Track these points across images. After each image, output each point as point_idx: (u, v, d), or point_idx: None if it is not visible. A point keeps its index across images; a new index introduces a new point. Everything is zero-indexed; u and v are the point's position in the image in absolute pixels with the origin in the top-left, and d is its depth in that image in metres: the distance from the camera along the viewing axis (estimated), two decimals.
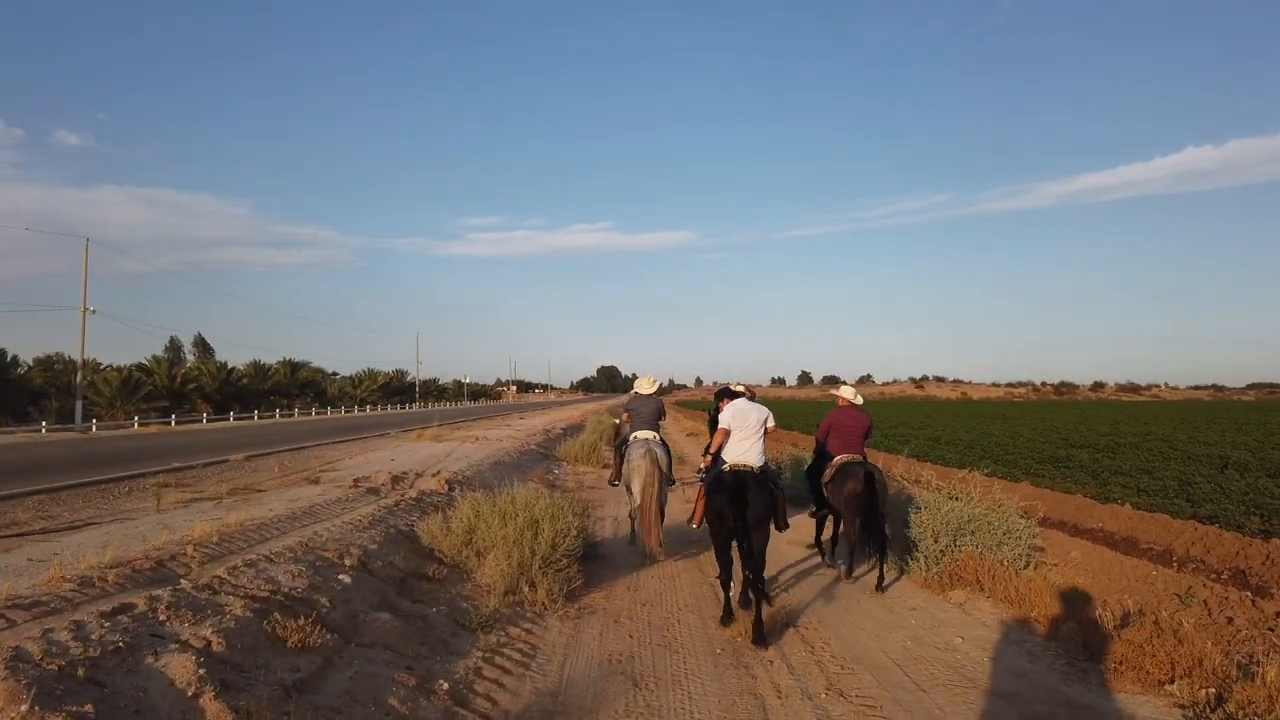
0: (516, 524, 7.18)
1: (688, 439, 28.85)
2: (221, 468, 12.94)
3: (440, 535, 7.42)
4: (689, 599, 7.36)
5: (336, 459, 14.16)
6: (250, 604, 4.82)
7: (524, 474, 14.99)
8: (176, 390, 51.79)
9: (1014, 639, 6.34)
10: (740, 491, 6.38)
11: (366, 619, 5.40)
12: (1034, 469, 17.86)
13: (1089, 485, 15.14)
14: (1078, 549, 10.12)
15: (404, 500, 9.15)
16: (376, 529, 7.48)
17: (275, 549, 6.11)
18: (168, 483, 10.49)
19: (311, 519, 7.61)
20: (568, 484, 15.15)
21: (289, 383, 68.93)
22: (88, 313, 39.66)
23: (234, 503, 8.45)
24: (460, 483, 11.31)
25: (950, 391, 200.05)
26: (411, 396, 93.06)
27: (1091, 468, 17.75)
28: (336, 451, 16.36)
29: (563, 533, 7.26)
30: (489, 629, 5.99)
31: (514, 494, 7.65)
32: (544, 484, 14.08)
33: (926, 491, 9.27)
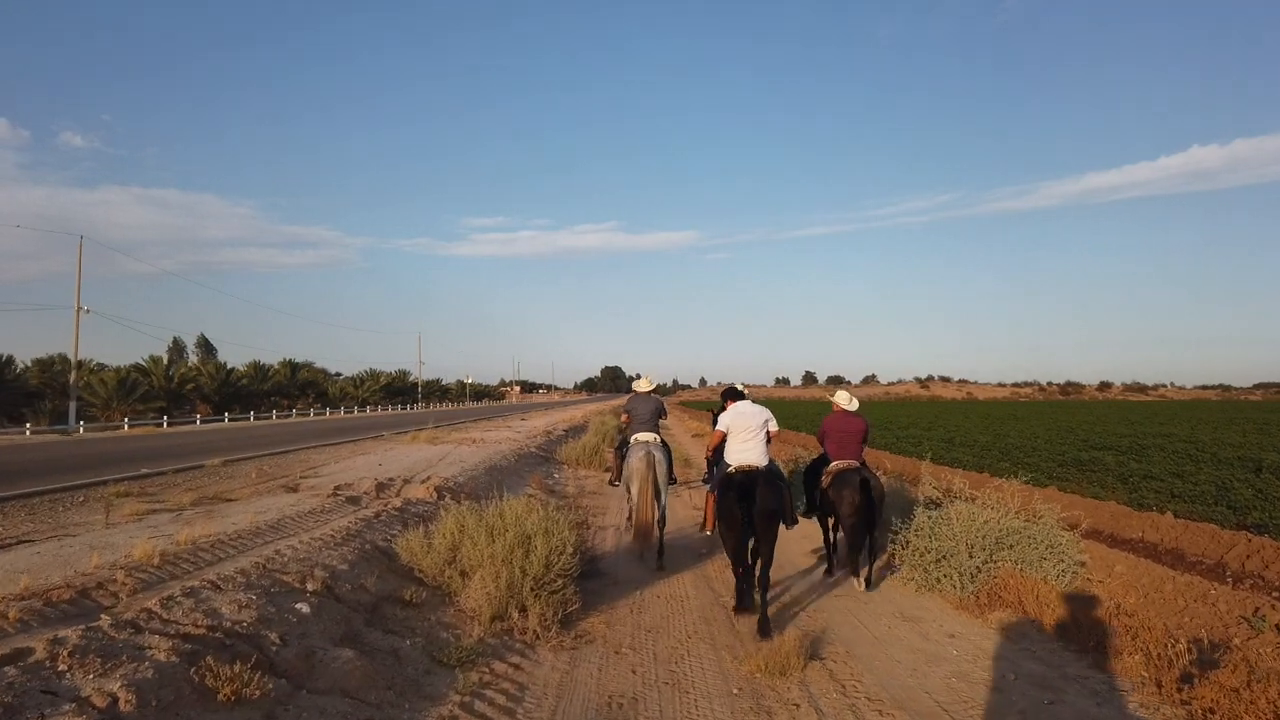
0: (505, 540, 6.38)
1: (693, 440, 28.06)
2: (195, 474, 12.15)
3: (421, 552, 6.62)
4: (699, 623, 6.56)
5: (322, 463, 13.38)
6: (179, 645, 4.03)
7: (521, 479, 14.21)
8: (174, 391, 51.08)
9: (1072, 675, 5.53)
10: (750, 488, 6.40)
11: (324, 658, 4.60)
12: (1057, 473, 17.02)
13: (1119, 491, 14.31)
14: (1121, 563, 9.30)
15: (386, 511, 8.36)
16: (350, 545, 6.69)
17: (226, 572, 5.32)
18: (129, 491, 9.72)
19: (277, 534, 6.82)
20: (567, 489, 14.36)
21: (289, 383, 68.23)
22: (82, 312, 39.01)
23: (195, 515, 7.67)
24: (451, 490, 10.53)
25: (955, 391, 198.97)
26: (414, 397, 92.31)
27: (1118, 471, 16.91)
28: (324, 455, 15.58)
29: (557, 550, 6.47)
30: (470, 664, 5.20)
31: (502, 506, 6.85)
32: (542, 489, 13.30)
33: (960, 502, 8.47)
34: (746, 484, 6.47)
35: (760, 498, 6.37)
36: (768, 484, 6.52)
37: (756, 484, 6.46)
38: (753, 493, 6.39)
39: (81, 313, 38.96)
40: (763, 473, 6.69)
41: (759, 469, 6.74)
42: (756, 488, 6.43)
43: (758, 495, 6.38)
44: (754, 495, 6.37)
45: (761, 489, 6.43)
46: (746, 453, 6.88)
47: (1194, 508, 12.12)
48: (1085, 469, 17.69)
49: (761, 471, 6.71)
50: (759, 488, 6.43)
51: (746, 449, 6.89)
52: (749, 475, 6.60)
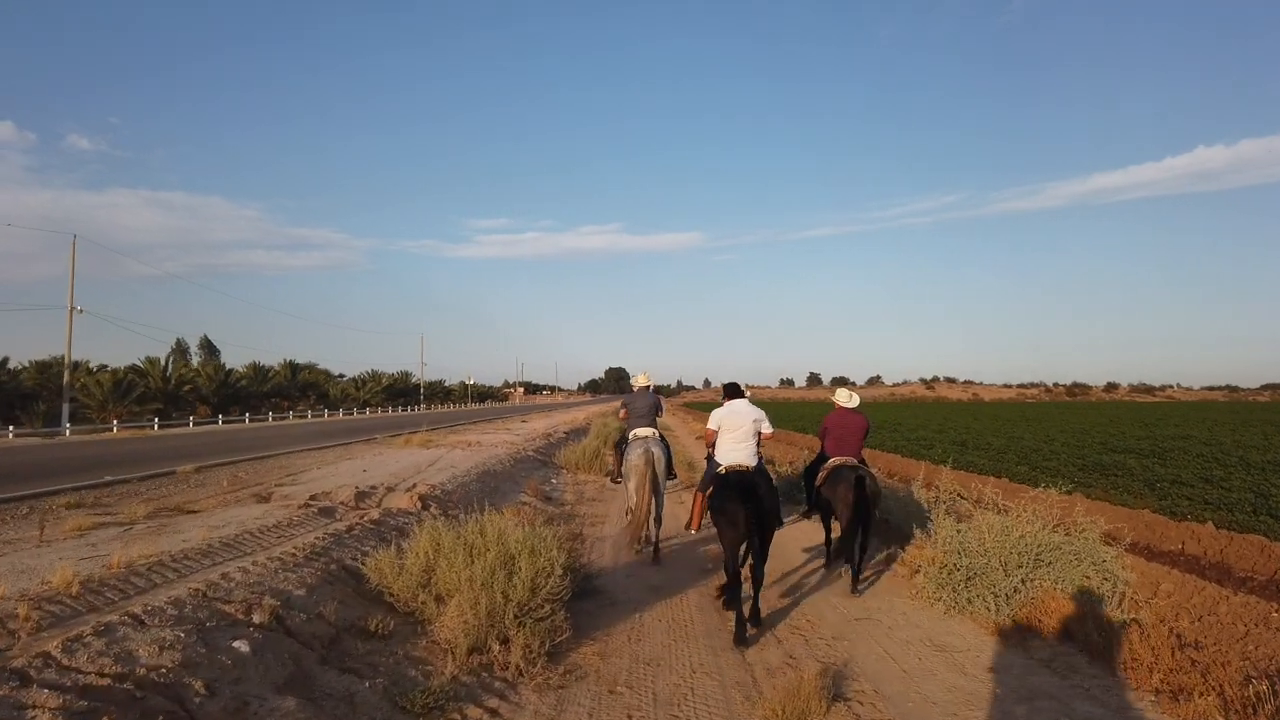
0: (486, 561, 5.63)
1: (697, 442, 27.26)
2: (163, 481, 11.39)
3: (391, 574, 5.88)
4: (705, 654, 5.81)
5: (303, 469, 12.64)
6: (72, 702, 3.30)
7: (516, 485, 13.47)
8: (171, 393, 50.43)
9: None
10: (750, 489, 6.36)
11: (260, 709, 3.87)
12: (1079, 478, 16.24)
13: (1148, 498, 13.54)
14: (1165, 579, 8.55)
15: (361, 524, 7.62)
16: (313, 566, 5.95)
17: (156, 602, 4.58)
18: (81, 503, 8.97)
19: (231, 553, 6.08)
20: (565, 496, 13.61)
21: (289, 385, 67.59)
22: (76, 312, 38.38)
23: (144, 530, 6.92)
24: (437, 499, 9.80)
25: (961, 393, 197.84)
26: (416, 399, 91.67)
27: (1144, 477, 16.13)
28: (308, 460, 14.83)
29: (544, 571, 5.72)
30: (439, 710, 4.45)
31: (483, 522, 6.10)
32: (538, 497, 12.56)
33: (991, 513, 7.71)
34: (746, 484, 6.43)
35: (764, 498, 6.38)
36: (766, 483, 6.60)
37: (757, 485, 6.44)
38: (755, 492, 6.35)
39: (75, 313, 38.30)
40: (758, 472, 6.75)
41: (752, 469, 6.76)
42: (758, 489, 6.40)
43: (762, 498, 6.35)
44: (758, 495, 6.34)
45: (763, 488, 6.46)
46: (737, 452, 6.88)
47: (1234, 517, 11.35)
48: (1109, 474, 16.90)
49: (756, 471, 6.75)
50: (760, 489, 6.41)
51: (738, 449, 6.89)
52: (745, 475, 6.60)
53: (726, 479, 6.62)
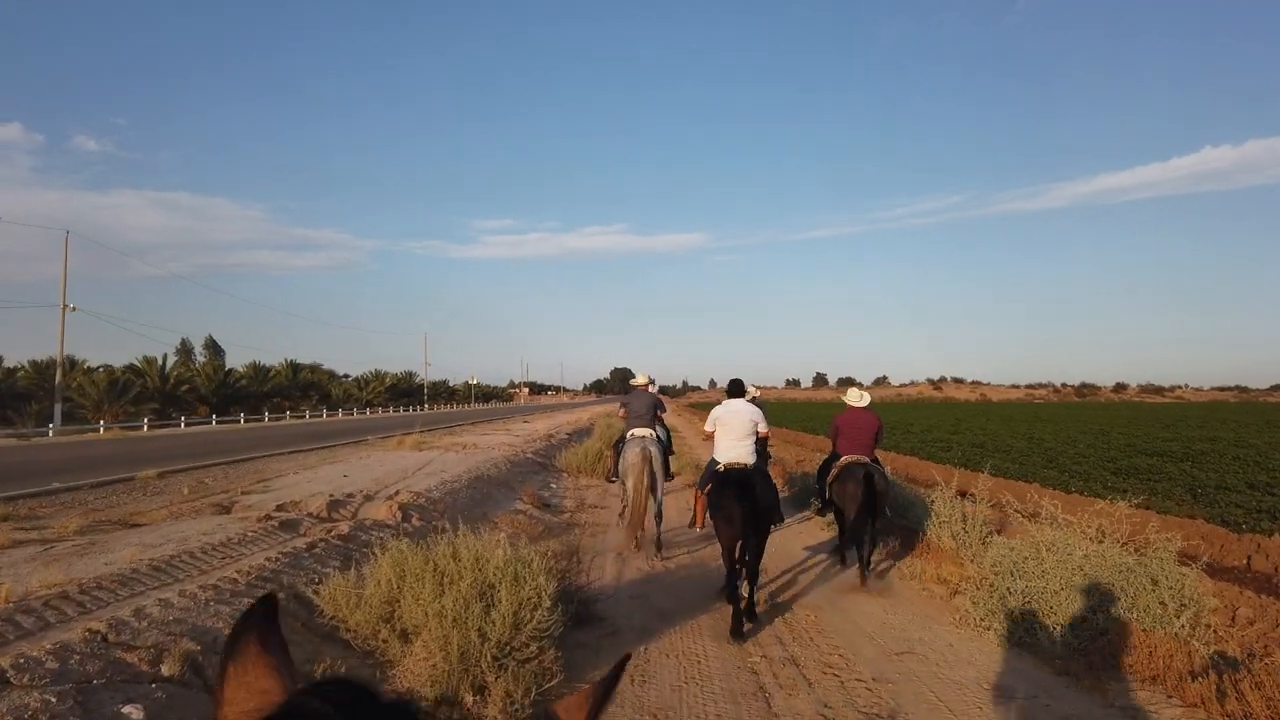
0: (459, 591, 4.68)
1: (704, 444, 26.27)
2: (117, 489, 10.42)
3: (348, 605, 4.92)
4: (724, 701, 4.84)
5: (279, 475, 11.69)
6: None
7: (512, 491, 12.51)
8: (169, 393, 49.58)
9: None
10: (746, 487, 6.41)
11: None
12: (1113, 483, 15.23)
13: (1192, 505, 12.54)
14: (1239, 601, 7.55)
15: (327, 539, 6.68)
16: (256, 594, 4.99)
17: (37, 651, 3.63)
18: (12, 514, 7.92)
19: (160, 579, 5.12)
20: (564, 503, 12.64)
21: (290, 385, 66.72)
22: (69, 310, 37.55)
23: (69, 549, 5.94)
24: (420, 508, 8.85)
25: (969, 393, 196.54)
26: (420, 399, 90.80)
27: (1184, 482, 15.11)
28: (288, 464, 13.86)
29: (530, 603, 4.77)
30: None
31: (457, 543, 5.13)
32: (535, 504, 11.60)
33: (1047, 527, 6.74)
34: (743, 480, 6.49)
35: (760, 496, 6.43)
36: (763, 484, 6.63)
37: (753, 483, 6.48)
38: (751, 489, 6.40)
39: (68, 311, 37.46)
40: (756, 470, 6.80)
41: (750, 466, 6.80)
42: (754, 488, 6.44)
43: (757, 496, 6.40)
44: (753, 492, 6.39)
45: (759, 490, 6.48)
46: (735, 450, 6.91)
47: None
48: (1144, 479, 15.89)
49: (754, 469, 6.79)
50: (756, 488, 6.45)
51: (737, 447, 6.92)
52: (743, 472, 6.66)
53: (725, 476, 6.67)
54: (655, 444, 8.98)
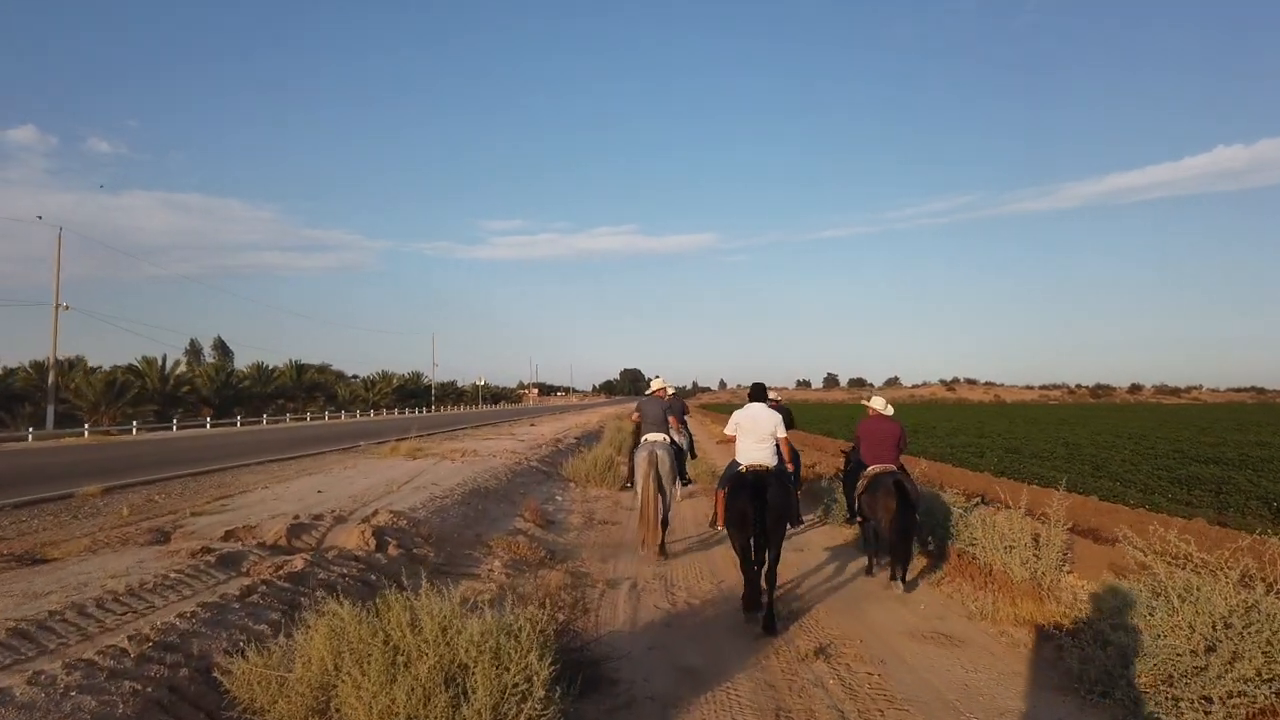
0: (417, 677, 3.36)
1: (717, 447, 24.89)
2: (47, 508, 8.94)
3: (266, 690, 3.60)
4: None
5: (246, 489, 10.29)
6: None
7: (512, 505, 11.18)
8: (169, 394, 48.49)
9: None
10: (761, 489, 6.52)
11: None
12: (1178, 495, 13.84)
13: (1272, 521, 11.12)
14: None
15: (272, 580, 5.36)
16: (143, 675, 3.67)
17: None
18: None
19: (21, 650, 3.79)
20: (570, 519, 11.31)
21: (295, 386, 65.62)
22: (62, 309, 36.51)
23: None
24: (401, 532, 7.54)
25: (982, 394, 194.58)
26: (428, 400, 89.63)
27: (1253, 493, 13.68)
28: (260, 475, 12.45)
29: (516, 691, 3.44)
30: None
31: (415, 607, 3.78)
32: (537, 521, 10.28)
33: (1178, 568, 5.37)
34: (758, 485, 6.56)
35: (772, 503, 6.48)
36: (779, 487, 6.66)
37: (768, 486, 6.57)
38: (764, 492, 6.50)
39: (62, 310, 36.40)
40: (774, 473, 6.80)
41: (770, 469, 6.83)
42: (768, 490, 6.53)
43: (769, 500, 6.48)
44: (766, 495, 6.48)
45: (773, 493, 6.54)
46: (756, 453, 6.93)
47: None
48: (1211, 490, 14.46)
49: (773, 471, 6.81)
50: (770, 490, 6.54)
51: (757, 449, 6.94)
52: (760, 475, 6.71)
53: (742, 478, 6.73)
54: (665, 449, 9.04)
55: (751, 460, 6.91)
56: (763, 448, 6.96)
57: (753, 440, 6.99)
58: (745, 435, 7.05)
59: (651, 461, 8.81)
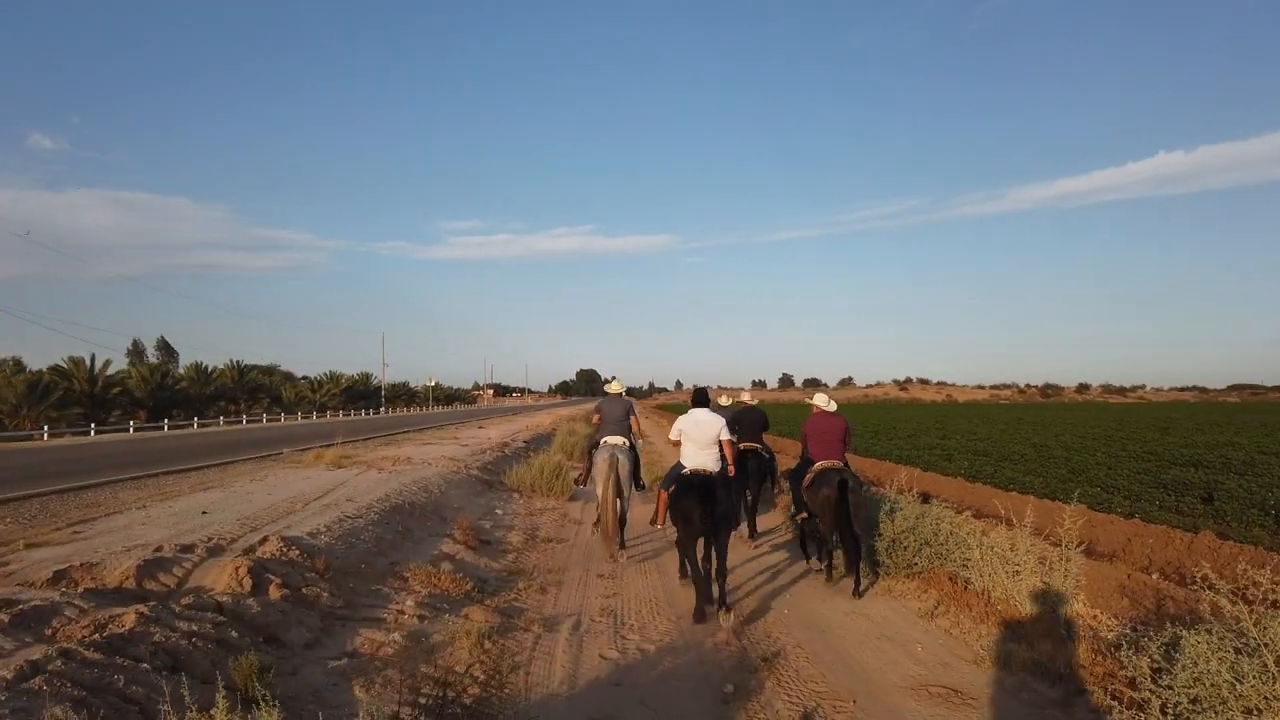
0: None
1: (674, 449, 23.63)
2: None
3: None
4: None
5: (118, 509, 8.51)
6: None
7: (442, 522, 9.80)
8: (98, 396, 45.93)
9: None
10: (708, 490, 6.66)
11: None
12: (1165, 501, 12.93)
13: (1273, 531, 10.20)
14: None
15: (78, 650, 3.95)
16: None
17: None
18: None
19: None
20: (510, 537, 9.97)
21: (236, 387, 63.02)
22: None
23: None
24: (290, 566, 6.14)
25: (935, 394, 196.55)
26: (377, 401, 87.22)
27: (1250, 501, 12.79)
28: (144, 491, 10.52)
29: None
30: None
31: None
32: (469, 541, 8.95)
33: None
34: (705, 486, 6.68)
35: (720, 502, 6.63)
36: (725, 489, 6.81)
37: (715, 487, 6.70)
38: (713, 494, 6.63)
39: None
40: (718, 476, 6.89)
41: (714, 473, 6.90)
42: (716, 490, 6.68)
43: (718, 499, 6.62)
44: (714, 497, 6.61)
45: (720, 493, 6.69)
46: (700, 457, 6.97)
47: None
48: (1199, 496, 13.56)
49: (717, 475, 6.89)
50: (718, 490, 6.69)
51: (701, 454, 6.98)
52: (707, 478, 6.80)
53: (689, 480, 6.80)
54: (624, 452, 8.93)
55: (696, 465, 6.95)
56: (707, 453, 7.00)
57: (697, 446, 7.04)
58: (689, 441, 7.12)
59: (612, 465, 8.70)
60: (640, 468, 9.50)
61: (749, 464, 10.03)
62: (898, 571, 8.15)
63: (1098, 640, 6.02)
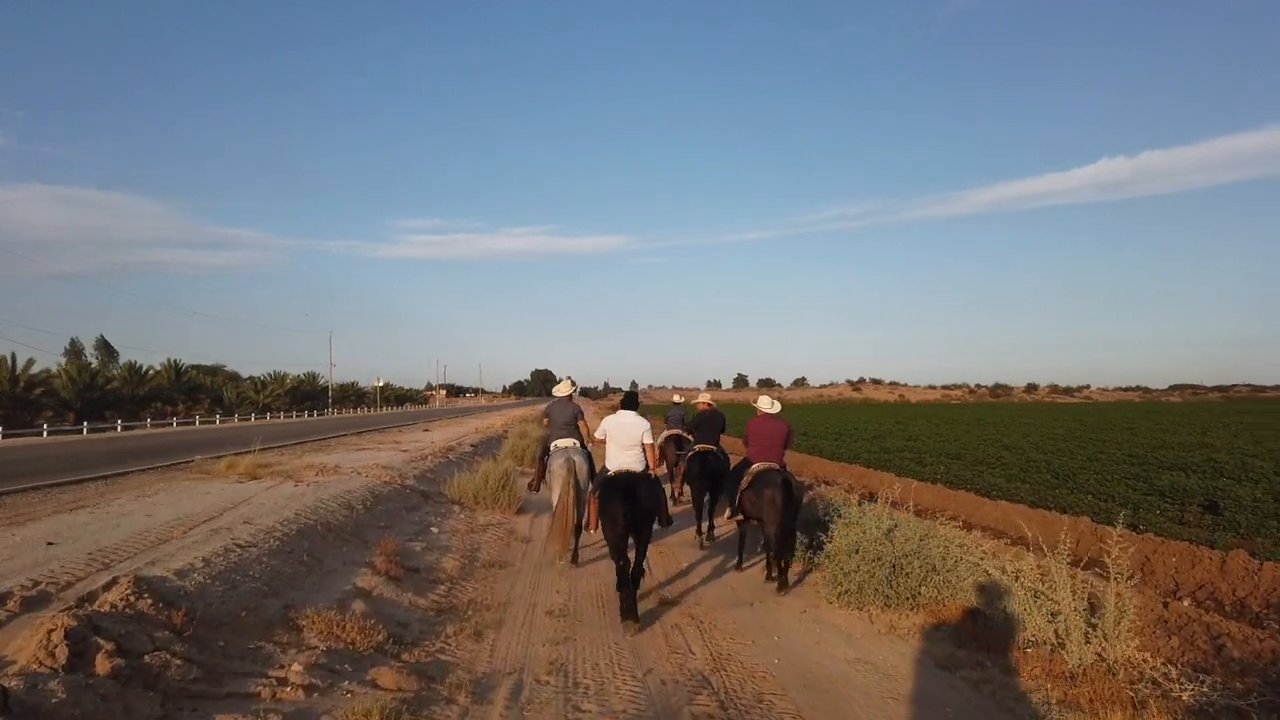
0: None
1: None
2: None
3: None
4: None
5: None
6: None
7: (361, 547, 8.31)
8: (19, 397, 43.17)
9: None
10: (631, 488, 6.83)
11: None
12: (1168, 510, 11.91)
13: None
14: None
15: None
16: None
17: None
18: None
19: None
20: (444, 563, 8.51)
21: (173, 387, 60.21)
22: None
23: None
24: (134, 621, 4.64)
25: (888, 394, 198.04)
26: (325, 402, 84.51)
27: (1259, 510, 11.83)
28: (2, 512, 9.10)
29: None
30: None
31: None
32: (391, 570, 7.51)
33: None
34: (628, 486, 6.85)
35: (643, 500, 6.81)
36: (647, 487, 6.94)
37: (638, 485, 6.88)
38: (635, 493, 6.80)
39: None
40: (641, 476, 7.03)
41: (637, 473, 7.05)
42: (639, 488, 6.85)
43: (640, 496, 6.80)
44: (637, 495, 6.79)
45: (643, 491, 6.86)
46: (624, 458, 7.14)
47: None
48: (1200, 504, 12.57)
49: (640, 475, 7.04)
50: (640, 489, 6.85)
51: (624, 455, 7.15)
52: (629, 478, 6.96)
53: (612, 481, 6.96)
54: (580, 454, 8.74)
55: (619, 465, 7.11)
56: (630, 454, 7.14)
57: (620, 447, 7.19)
58: (613, 442, 7.23)
59: (570, 469, 8.48)
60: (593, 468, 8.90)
61: (708, 465, 10.31)
62: (900, 603, 6.93)
63: (1171, 703, 4.81)
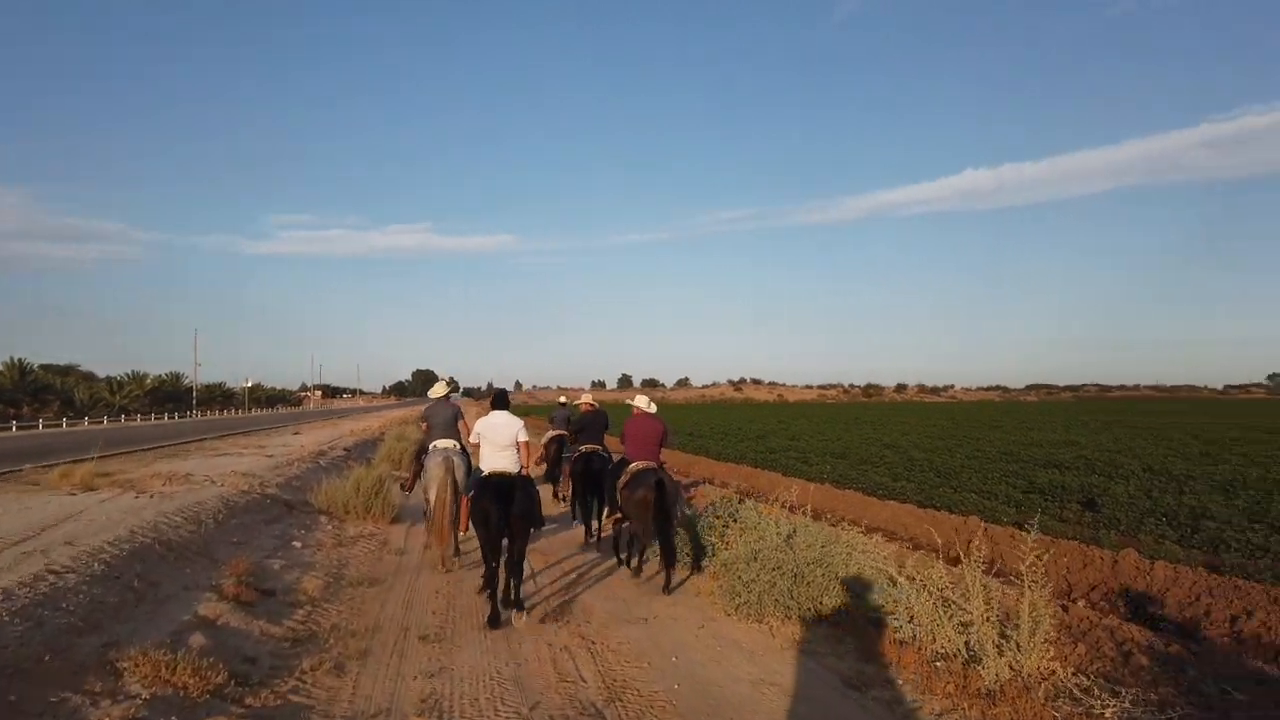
0: None
1: None
2: None
3: None
4: None
5: None
6: None
7: (209, 566, 7.38)
8: None
9: None
10: (505, 491, 6.73)
11: None
12: (1052, 509, 12.10)
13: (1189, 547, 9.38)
14: None
15: None
16: None
17: None
18: None
19: None
20: (304, 583, 7.65)
21: (15, 388, 55.49)
22: None
23: None
24: None
25: (767, 394, 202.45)
26: (189, 403, 79.69)
27: (1135, 507, 12.16)
28: None
29: None
30: None
31: None
32: (240, 595, 6.65)
33: None
34: (502, 487, 6.76)
35: (517, 503, 6.70)
36: (522, 490, 6.82)
37: (514, 488, 6.78)
38: (510, 496, 6.70)
39: None
40: (517, 478, 6.95)
41: (512, 475, 6.96)
42: (514, 491, 6.75)
43: (515, 499, 6.70)
44: (511, 498, 6.69)
45: (518, 494, 6.75)
46: (498, 459, 7.04)
47: None
48: (1078, 502, 12.87)
49: (515, 477, 6.95)
50: (516, 492, 6.75)
51: (499, 456, 7.05)
52: (504, 480, 6.86)
53: (486, 482, 6.89)
54: (459, 454, 8.70)
55: (494, 467, 7.01)
56: (505, 455, 7.05)
57: (495, 448, 7.10)
58: (487, 444, 7.15)
59: (448, 468, 8.43)
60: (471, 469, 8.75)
61: (592, 465, 10.21)
62: (803, 615, 6.59)
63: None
